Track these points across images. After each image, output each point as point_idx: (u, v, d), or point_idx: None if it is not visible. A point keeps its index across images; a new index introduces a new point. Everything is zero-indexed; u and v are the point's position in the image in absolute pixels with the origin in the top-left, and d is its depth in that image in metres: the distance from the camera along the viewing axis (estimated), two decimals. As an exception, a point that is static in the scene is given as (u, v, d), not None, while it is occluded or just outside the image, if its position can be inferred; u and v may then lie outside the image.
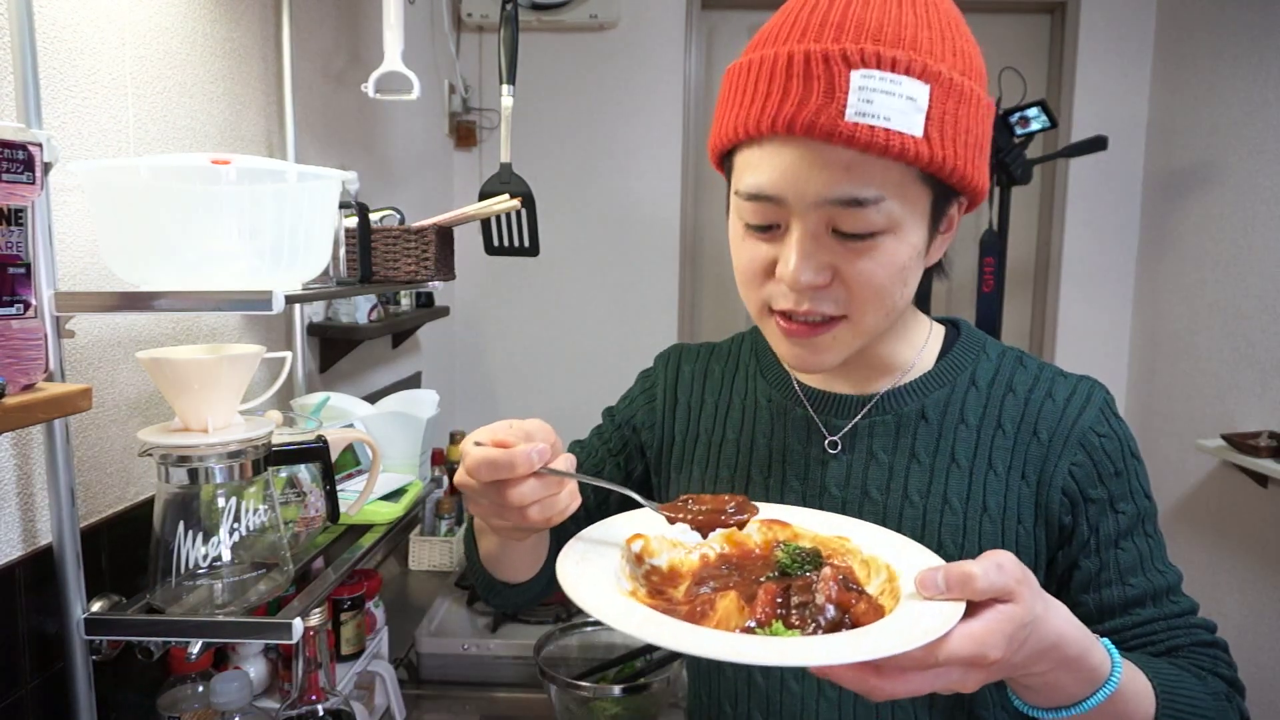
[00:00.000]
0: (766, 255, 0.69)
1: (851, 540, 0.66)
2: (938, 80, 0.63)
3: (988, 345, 0.82)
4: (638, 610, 0.56)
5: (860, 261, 0.66)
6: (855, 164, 0.63)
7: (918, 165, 0.64)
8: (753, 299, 0.73)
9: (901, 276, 0.68)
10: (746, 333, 0.93)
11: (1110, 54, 2.80)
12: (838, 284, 0.68)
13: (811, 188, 0.64)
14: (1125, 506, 0.74)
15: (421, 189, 2.43)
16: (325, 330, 1.68)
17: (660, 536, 0.68)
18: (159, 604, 0.90)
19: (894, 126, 0.62)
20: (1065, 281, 2.90)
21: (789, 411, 0.83)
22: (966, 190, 0.69)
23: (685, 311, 2.94)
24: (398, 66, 1.53)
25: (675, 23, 2.82)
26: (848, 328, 0.70)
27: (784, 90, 0.63)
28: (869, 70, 0.61)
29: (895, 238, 0.66)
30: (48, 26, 0.94)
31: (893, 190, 0.64)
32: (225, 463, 0.89)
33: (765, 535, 0.69)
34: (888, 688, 0.52)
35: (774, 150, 0.65)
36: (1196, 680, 0.69)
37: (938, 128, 0.63)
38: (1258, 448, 2.12)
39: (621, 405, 0.96)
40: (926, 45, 0.64)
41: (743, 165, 0.69)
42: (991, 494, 0.75)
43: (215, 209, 0.85)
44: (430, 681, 1.58)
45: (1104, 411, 0.76)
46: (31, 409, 0.68)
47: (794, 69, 0.63)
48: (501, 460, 0.60)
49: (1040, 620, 0.55)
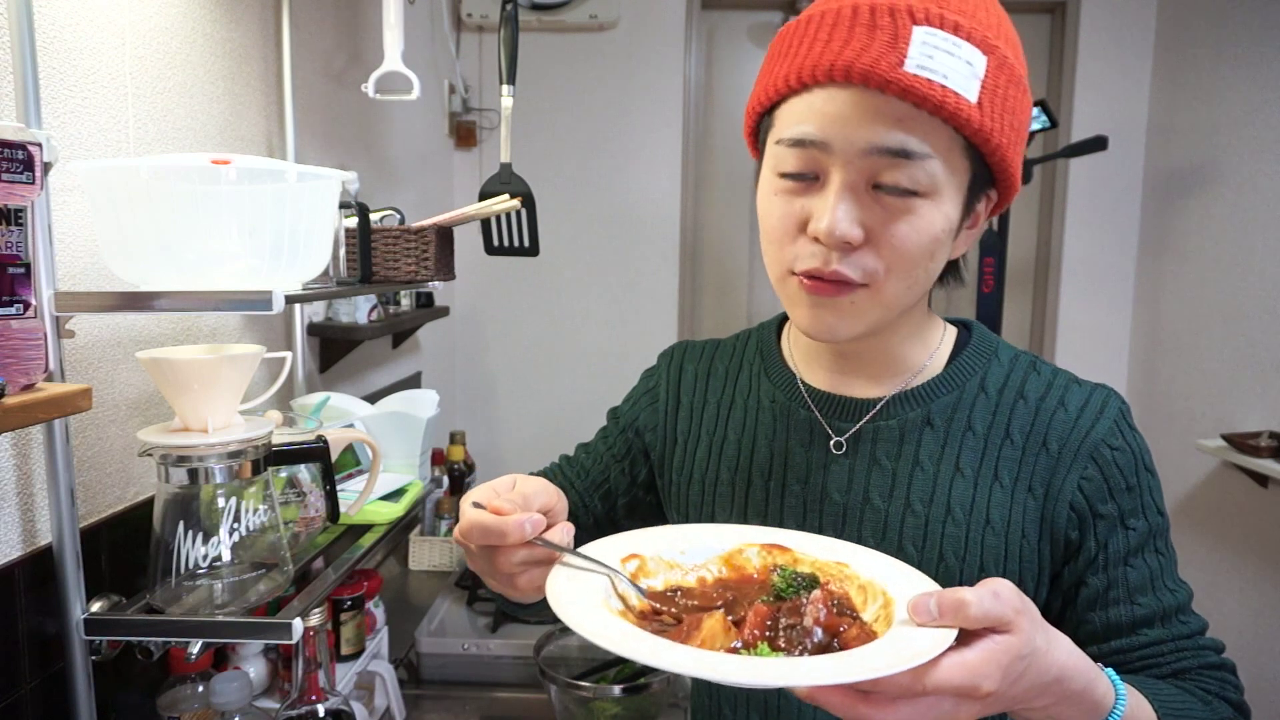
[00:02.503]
0: (799, 211, 0.68)
1: (851, 566, 0.64)
2: (994, 54, 0.64)
3: (1000, 349, 0.79)
4: (618, 626, 0.55)
5: (896, 223, 0.65)
6: (907, 118, 0.62)
7: (967, 131, 0.63)
8: (777, 259, 0.71)
9: (931, 249, 0.67)
10: (753, 330, 0.92)
11: (1110, 54, 2.80)
12: (868, 248, 0.66)
13: (861, 133, 0.63)
14: (1136, 523, 0.72)
15: (421, 189, 2.43)
16: (325, 330, 1.68)
17: (657, 557, 0.66)
18: (159, 604, 0.90)
19: (951, 85, 0.62)
20: (1065, 281, 2.90)
21: (793, 413, 0.81)
22: (1002, 176, 0.69)
23: (685, 311, 2.94)
24: (398, 66, 1.53)
25: (675, 23, 2.82)
26: (869, 296, 0.68)
27: (846, 38, 0.63)
28: (933, 28, 0.61)
29: (933, 204, 0.65)
30: (47, 26, 0.94)
31: (940, 152, 0.64)
32: (225, 463, 0.89)
33: (764, 560, 0.67)
34: (877, 716, 0.50)
35: (826, 97, 0.64)
36: (1202, 705, 0.67)
37: (990, 98, 0.63)
38: (1258, 448, 2.12)
39: (625, 406, 0.95)
40: (985, 20, 0.65)
41: (787, 115, 0.67)
42: (996, 506, 0.73)
43: (215, 209, 0.85)
44: (430, 681, 1.58)
45: (1118, 423, 0.73)
46: (31, 409, 0.68)
47: (859, 19, 0.63)
48: (493, 527, 0.60)
49: (1040, 653, 0.53)
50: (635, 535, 0.68)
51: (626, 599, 0.61)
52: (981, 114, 0.63)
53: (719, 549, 0.68)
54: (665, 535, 0.69)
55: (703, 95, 2.92)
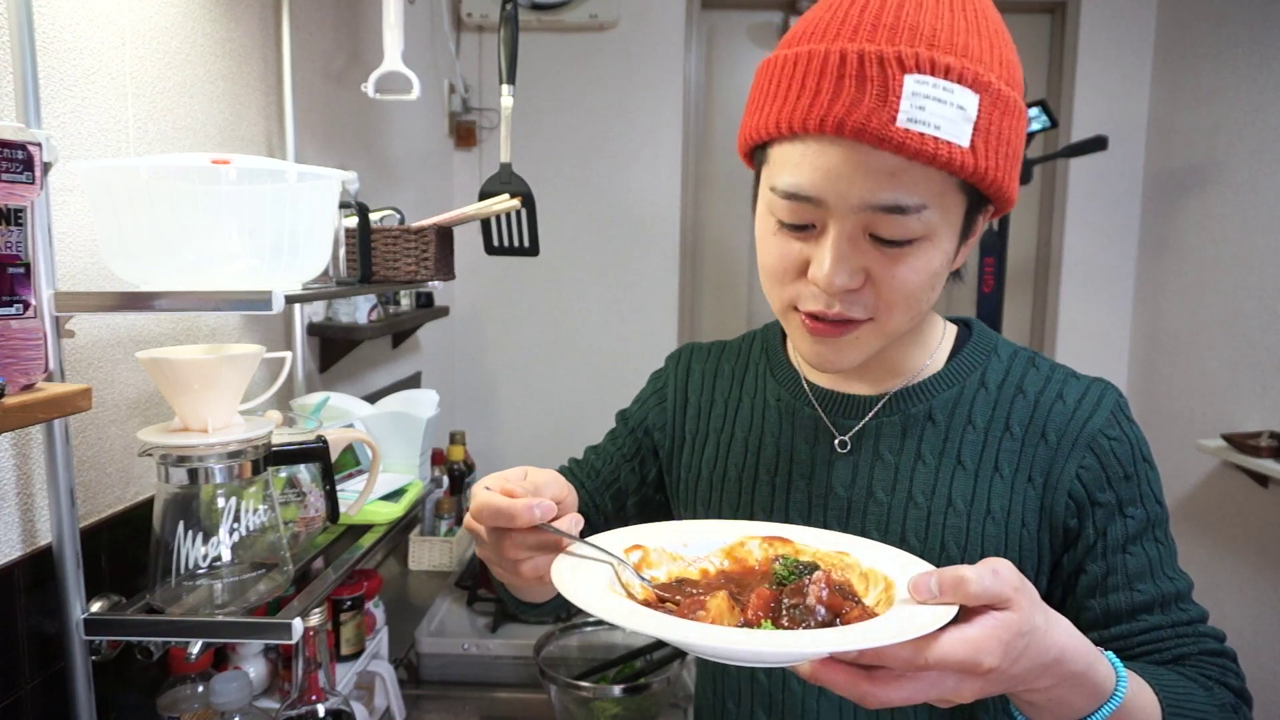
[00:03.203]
0: (798, 254, 0.68)
1: (851, 554, 0.65)
2: (987, 90, 0.62)
3: (999, 346, 0.81)
4: (624, 604, 0.56)
5: (895, 268, 0.66)
6: (900, 171, 0.62)
7: (961, 176, 0.63)
8: (778, 295, 0.72)
9: (931, 283, 0.68)
10: (758, 331, 0.93)
11: (1110, 54, 2.80)
12: (869, 288, 0.67)
13: (855, 191, 0.63)
14: (1134, 511, 0.73)
15: (421, 189, 2.43)
16: (325, 330, 1.68)
17: (660, 549, 0.67)
18: (159, 604, 0.90)
19: (943, 135, 0.61)
20: (1065, 281, 2.90)
21: (798, 412, 0.82)
22: (999, 199, 0.69)
23: (685, 311, 2.94)
24: (398, 66, 1.53)
25: (675, 23, 2.82)
26: (872, 329, 0.70)
27: (834, 90, 0.62)
28: (923, 76, 0.60)
29: (931, 244, 0.66)
30: (47, 26, 0.94)
31: (934, 199, 0.64)
32: (225, 463, 0.89)
33: (766, 552, 0.68)
34: (881, 694, 0.51)
35: (817, 150, 0.64)
36: (1203, 690, 0.68)
37: (983, 138, 0.63)
38: (1258, 448, 2.12)
39: (634, 407, 0.96)
40: (977, 54, 0.63)
41: (780, 161, 0.67)
42: (996, 497, 0.74)
43: (215, 209, 0.85)
44: (430, 681, 1.58)
45: (1115, 414, 0.74)
46: (31, 409, 0.68)
47: (847, 69, 0.61)
48: (503, 509, 0.61)
49: (1040, 632, 0.54)
50: (638, 528, 0.69)
51: (630, 588, 0.62)
52: (975, 157, 0.63)
53: (721, 542, 0.69)
54: (668, 529, 0.70)
55: (703, 95, 2.92)
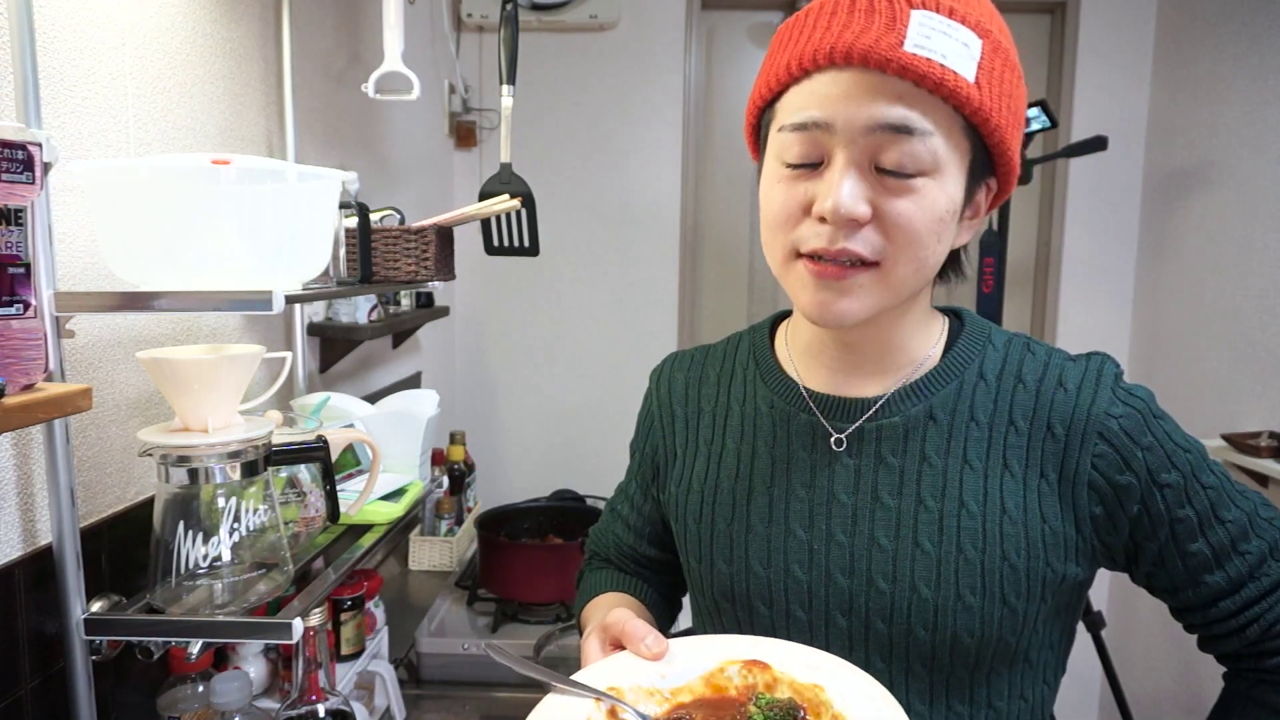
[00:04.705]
0: (803, 194, 0.69)
1: (826, 690, 0.66)
2: (989, 38, 0.66)
3: (993, 334, 0.79)
4: None
5: (900, 201, 0.66)
6: (908, 95, 0.64)
7: (966, 110, 0.65)
8: (780, 245, 0.71)
9: (936, 229, 0.68)
10: (743, 333, 0.90)
11: (1110, 54, 2.80)
12: (874, 225, 0.67)
13: (864, 110, 0.65)
14: (1168, 476, 0.72)
15: (421, 189, 2.43)
16: (325, 330, 1.68)
17: (635, 687, 0.68)
18: (159, 604, 0.90)
19: (949, 64, 0.64)
20: (1065, 281, 2.90)
21: (793, 418, 0.80)
22: (1001, 160, 0.70)
23: (685, 311, 2.94)
24: (398, 66, 1.53)
25: (675, 23, 2.82)
26: (877, 277, 0.68)
27: (845, 23, 0.65)
28: (929, 12, 0.64)
29: (936, 183, 0.66)
30: (47, 26, 0.94)
31: (940, 129, 0.66)
32: (225, 463, 0.89)
33: (745, 679, 0.69)
34: None
35: (827, 80, 0.66)
36: None
37: (987, 79, 0.66)
38: (1258, 448, 2.12)
39: (636, 437, 0.95)
40: (978, 8, 0.67)
41: (789, 104, 0.69)
42: (1010, 495, 0.72)
43: (215, 209, 0.85)
44: (430, 681, 1.58)
45: (1115, 390, 0.73)
46: (31, 409, 0.68)
47: (857, 5, 0.65)
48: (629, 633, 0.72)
49: None
50: (617, 663, 0.71)
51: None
52: (980, 93, 0.65)
53: (700, 669, 0.70)
54: (645, 663, 0.71)
55: (703, 95, 2.92)
